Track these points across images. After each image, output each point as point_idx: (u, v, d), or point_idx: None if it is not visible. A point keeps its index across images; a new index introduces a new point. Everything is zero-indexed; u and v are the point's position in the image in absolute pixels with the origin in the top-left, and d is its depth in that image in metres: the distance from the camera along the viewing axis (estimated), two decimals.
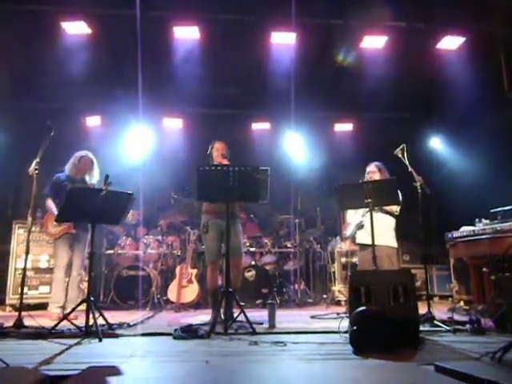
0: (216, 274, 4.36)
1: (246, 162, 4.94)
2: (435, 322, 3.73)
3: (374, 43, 6.27)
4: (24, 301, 3.92)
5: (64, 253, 4.70)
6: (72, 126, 7.01)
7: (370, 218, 4.01)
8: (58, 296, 4.64)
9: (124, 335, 3.41)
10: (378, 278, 3.27)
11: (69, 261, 4.69)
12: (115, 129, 7.37)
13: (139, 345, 3.12)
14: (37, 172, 3.93)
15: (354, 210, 4.78)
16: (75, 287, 4.75)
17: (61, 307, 4.60)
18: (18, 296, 4.63)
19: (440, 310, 4.92)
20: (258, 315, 4.33)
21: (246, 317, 3.56)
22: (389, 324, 2.73)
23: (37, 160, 3.95)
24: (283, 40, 6.17)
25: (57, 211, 4.41)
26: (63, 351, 2.80)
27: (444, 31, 6.16)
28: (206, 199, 4.24)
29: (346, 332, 3.09)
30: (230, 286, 3.78)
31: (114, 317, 4.34)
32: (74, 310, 3.67)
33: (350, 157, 7.23)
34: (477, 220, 4.80)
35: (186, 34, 6.03)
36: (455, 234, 5.01)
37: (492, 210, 4.72)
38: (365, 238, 4.51)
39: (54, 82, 6.35)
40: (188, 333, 3.28)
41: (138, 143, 7.25)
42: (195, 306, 5.75)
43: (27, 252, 3.91)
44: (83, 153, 4.96)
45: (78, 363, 2.40)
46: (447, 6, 5.64)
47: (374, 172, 4.65)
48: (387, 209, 4.51)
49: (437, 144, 7.75)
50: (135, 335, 3.42)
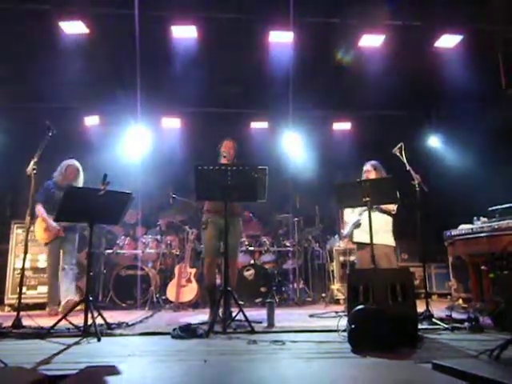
0: (213, 270, 4.37)
1: (245, 161, 4.93)
2: (433, 320, 3.73)
3: (371, 42, 6.27)
4: (22, 301, 3.92)
5: (54, 257, 5.03)
6: (70, 125, 7.00)
7: (367, 216, 4.02)
8: (53, 298, 4.94)
9: (123, 335, 3.42)
10: (377, 276, 3.27)
11: (58, 264, 5.02)
12: (114, 128, 7.36)
13: (138, 344, 3.12)
14: (35, 172, 3.93)
15: (351, 209, 4.79)
16: (69, 280, 4.97)
17: (57, 305, 4.84)
18: (16, 296, 4.61)
19: (438, 308, 4.93)
20: (257, 314, 4.34)
21: (245, 316, 3.57)
22: (387, 322, 2.73)
23: (35, 160, 3.95)
24: (281, 39, 6.17)
25: (47, 216, 4.86)
26: (62, 351, 2.80)
27: (441, 29, 6.16)
28: (205, 198, 4.24)
29: (344, 330, 3.10)
30: (228, 284, 3.78)
31: (112, 316, 4.34)
32: (72, 310, 3.66)
33: (348, 155, 7.23)
34: (475, 218, 4.81)
35: (184, 33, 6.03)
36: (453, 233, 5.02)
37: (490, 208, 4.73)
38: (362, 237, 4.52)
39: (53, 82, 6.33)
40: (187, 332, 3.28)
41: (137, 143, 7.24)
42: (194, 305, 5.75)
43: (25, 252, 3.91)
44: (70, 161, 5.18)
45: (77, 363, 2.40)
46: (445, 4, 5.64)
47: (369, 171, 4.66)
48: (383, 208, 4.51)
49: (435, 142, 7.76)
50: (134, 335, 3.42)
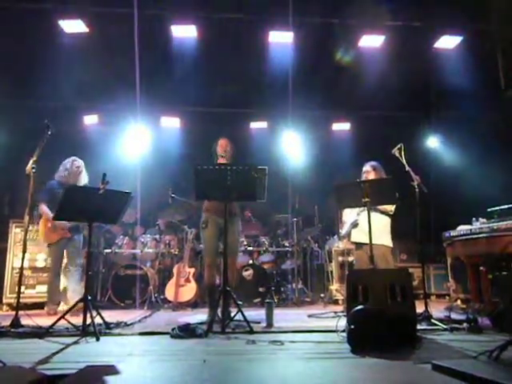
0: (213, 270, 4.36)
1: (244, 160, 4.94)
2: (432, 320, 3.74)
3: (371, 42, 6.28)
4: (21, 300, 3.91)
5: (57, 258, 4.97)
6: (70, 124, 7.00)
7: (366, 216, 4.02)
8: (52, 297, 4.92)
9: (121, 334, 3.41)
10: (376, 276, 3.28)
11: (61, 265, 4.99)
12: (113, 128, 7.36)
13: (137, 344, 3.11)
14: (34, 171, 3.92)
15: (349, 209, 4.79)
16: (75, 281, 4.94)
17: (56, 304, 4.84)
18: (15, 295, 4.62)
19: (437, 309, 4.93)
20: (256, 314, 4.34)
21: (244, 316, 3.57)
22: (386, 323, 2.73)
23: (34, 159, 3.94)
24: (281, 39, 6.18)
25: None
26: (60, 350, 2.80)
27: (441, 30, 6.18)
28: (204, 198, 4.24)
29: (343, 331, 3.09)
30: (228, 284, 3.78)
31: (111, 316, 4.32)
32: (71, 309, 3.66)
33: (348, 156, 7.23)
34: (474, 219, 4.81)
35: (183, 32, 6.03)
36: (452, 233, 5.02)
37: (489, 209, 4.73)
38: (360, 237, 4.52)
39: (52, 81, 6.33)
40: (185, 332, 3.28)
41: (136, 142, 7.23)
42: (193, 305, 5.74)
43: (24, 251, 3.90)
44: (74, 159, 5.10)
45: (76, 362, 2.39)
46: (444, 5, 5.65)
47: (368, 172, 4.66)
48: (381, 208, 4.52)
49: (434, 143, 7.76)
50: (133, 334, 3.41)
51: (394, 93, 6.80)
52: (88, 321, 3.36)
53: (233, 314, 3.77)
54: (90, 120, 7.53)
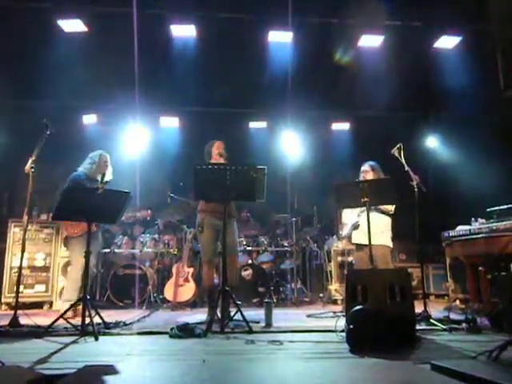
0: (212, 272, 4.36)
1: (243, 160, 4.93)
2: (431, 320, 3.74)
3: (370, 42, 6.28)
4: (20, 299, 3.90)
5: (82, 253, 4.42)
6: (68, 124, 6.99)
7: (366, 217, 4.02)
8: (71, 295, 4.48)
9: (120, 334, 3.41)
10: (375, 276, 3.28)
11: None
12: (112, 127, 7.35)
13: (136, 344, 3.11)
14: (33, 170, 3.91)
15: (350, 210, 4.78)
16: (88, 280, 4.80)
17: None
18: (13, 294, 4.61)
19: (436, 309, 4.93)
20: (255, 314, 4.34)
21: (243, 315, 3.57)
22: (385, 323, 2.73)
23: (33, 158, 3.93)
24: (280, 39, 6.17)
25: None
26: (59, 350, 2.79)
27: (441, 30, 6.18)
28: (203, 198, 4.24)
29: (342, 331, 3.09)
30: (227, 284, 3.78)
31: (110, 316, 4.33)
32: (70, 309, 3.66)
33: (347, 156, 7.24)
34: (473, 219, 4.81)
35: (183, 32, 6.02)
36: (451, 233, 5.03)
37: (488, 210, 4.74)
38: (360, 238, 4.52)
39: (51, 80, 6.31)
40: (184, 332, 3.28)
41: (135, 142, 7.22)
42: (192, 304, 5.74)
43: (23, 250, 3.89)
44: (100, 151, 4.85)
45: (74, 362, 2.39)
46: (444, 5, 5.65)
47: (367, 172, 4.66)
48: (382, 208, 4.52)
49: (433, 143, 7.76)
50: (132, 334, 3.41)
51: (393, 93, 6.79)
52: (87, 320, 3.36)
53: (232, 313, 3.77)
54: (89, 120, 7.51)
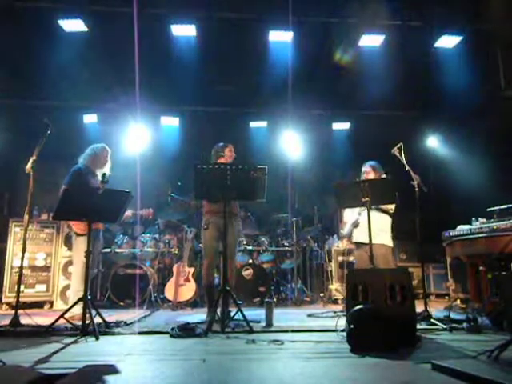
0: (211, 270, 4.36)
1: (244, 160, 4.93)
2: (432, 320, 3.74)
3: (371, 41, 6.28)
4: (20, 299, 3.90)
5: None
6: (69, 123, 6.99)
7: (366, 216, 4.02)
8: (79, 293, 4.16)
9: (121, 334, 3.41)
10: (376, 276, 3.27)
11: (94, 258, 4.53)
12: (113, 127, 7.35)
13: (136, 343, 3.11)
14: (33, 170, 3.91)
15: (350, 209, 4.79)
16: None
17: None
18: (14, 294, 4.60)
19: (437, 309, 4.94)
20: (255, 314, 4.34)
21: (244, 315, 3.57)
22: (386, 322, 2.73)
23: (34, 158, 3.93)
24: (281, 38, 6.17)
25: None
26: (60, 350, 2.79)
27: (441, 30, 6.17)
28: (204, 197, 4.24)
29: (343, 330, 3.09)
30: (227, 284, 3.78)
31: (110, 315, 4.33)
32: (70, 309, 3.65)
33: (348, 155, 7.24)
34: (473, 219, 4.81)
35: (183, 31, 6.02)
36: (452, 233, 5.02)
37: (488, 209, 4.73)
38: (361, 237, 4.52)
39: (51, 80, 6.32)
40: (185, 331, 3.28)
41: (136, 141, 7.22)
42: (192, 304, 5.74)
43: (24, 250, 3.89)
44: (103, 144, 4.73)
45: (75, 362, 2.39)
46: (444, 5, 5.65)
47: (368, 172, 4.67)
48: (383, 207, 4.52)
49: (434, 143, 7.76)
50: (132, 334, 3.41)
51: (393, 92, 6.79)
52: (87, 320, 3.36)
53: (232, 313, 3.78)
54: (90, 119, 7.52)
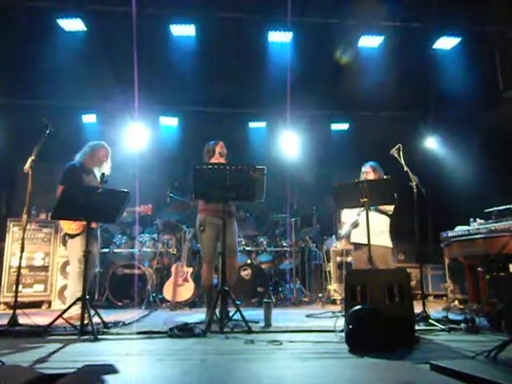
0: (211, 272, 4.36)
1: (243, 160, 4.93)
2: (430, 321, 3.75)
3: (370, 42, 6.30)
4: (18, 299, 3.90)
5: (83, 247, 4.16)
6: (68, 123, 6.97)
7: (365, 217, 4.02)
8: (76, 293, 4.05)
9: (119, 334, 3.40)
10: (374, 277, 3.27)
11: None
12: (111, 127, 7.34)
13: (135, 343, 3.10)
14: (32, 169, 3.90)
15: (349, 210, 4.79)
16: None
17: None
18: (12, 294, 4.59)
19: (435, 309, 4.94)
20: (254, 314, 4.34)
21: (242, 315, 3.57)
22: (384, 323, 2.74)
23: (32, 157, 3.92)
24: (280, 38, 6.18)
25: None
26: (58, 349, 2.79)
27: (440, 31, 6.20)
28: (203, 197, 4.24)
29: (341, 331, 3.10)
30: (226, 284, 3.78)
31: (109, 315, 4.33)
32: (68, 309, 3.65)
33: (346, 156, 7.24)
34: (471, 220, 4.82)
35: (182, 31, 6.02)
36: (450, 234, 5.03)
37: (486, 210, 4.74)
38: (360, 238, 4.52)
39: (50, 79, 6.31)
40: (184, 331, 3.28)
41: (134, 141, 7.21)
42: (191, 304, 5.74)
43: (22, 250, 3.88)
44: (102, 142, 4.66)
45: (74, 362, 2.39)
46: (443, 7, 5.67)
47: (368, 172, 4.67)
48: (381, 208, 4.52)
49: (433, 143, 7.77)
50: (131, 334, 3.40)
51: (392, 93, 6.81)
52: (86, 320, 3.36)
53: (231, 313, 3.78)
54: (89, 119, 7.52)
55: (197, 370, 2.28)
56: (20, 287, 5.14)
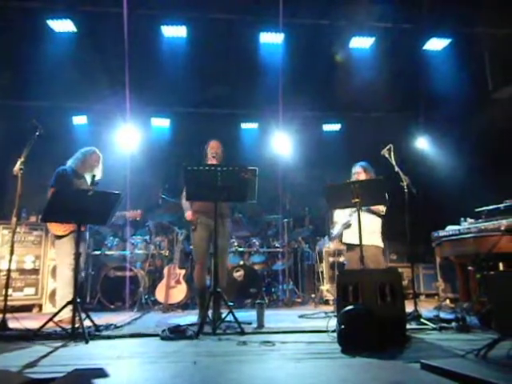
0: (204, 273, 4.35)
1: (235, 161, 4.92)
2: (421, 320, 3.77)
3: (361, 43, 6.33)
4: (9, 303, 3.86)
5: (71, 251, 4.30)
6: (58, 124, 6.92)
7: (357, 217, 4.04)
8: (67, 296, 4.04)
9: (111, 337, 3.38)
10: (366, 277, 3.29)
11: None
12: (102, 128, 7.30)
13: (126, 346, 3.08)
14: (22, 172, 3.87)
15: (341, 210, 4.80)
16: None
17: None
18: (2, 298, 4.53)
19: (426, 309, 4.98)
20: (247, 315, 4.34)
21: (235, 317, 3.56)
22: (376, 323, 2.75)
23: (22, 159, 3.88)
24: (272, 40, 6.19)
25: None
26: (49, 353, 2.76)
27: (430, 32, 6.25)
28: (194, 198, 4.23)
29: (334, 331, 3.10)
30: (218, 285, 3.77)
31: (100, 318, 4.30)
32: (59, 312, 3.62)
33: (338, 156, 7.26)
34: (462, 219, 4.86)
35: (174, 32, 6.01)
36: (441, 233, 5.07)
37: (477, 210, 4.78)
38: (352, 238, 4.54)
39: (40, 81, 6.26)
40: (176, 333, 3.27)
41: (126, 143, 7.17)
42: (183, 306, 5.72)
43: (12, 253, 3.84)
44: (93, 149, 4.74)
45: (64, 365, 2.36)
46: (433, 8, 5.71)
47: (359, 173, 4.68)
48: (374, 209, 4.54)
49: (424, 144, 7.82)
50: (122, 336, 3.38)
51: (383, 94, 6.84)
52: (77, 323, 3.33)
53: (224, 315, 3.77)
54: (79, 120, 7.46)
55: (189, 372, 2.27)
56: (10, 291, 5.07)
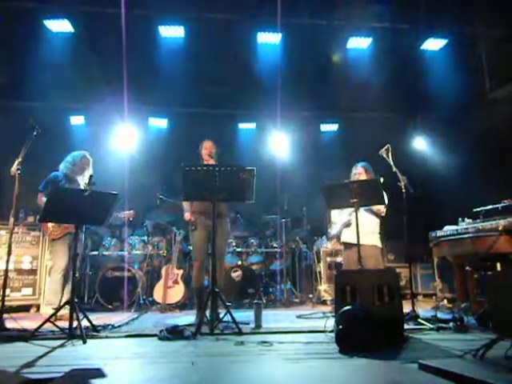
0: (202, 272, 4.35)
1: (232, 161, 4.93)
2: (419, 320, 3.77)
3: (359, 43, 6.34)
4: (6, 303, 3.84)
5: (64, 254, 4.56)
6: (56, 124, 6.90)
7: (355, 217, 4.04)
8: (52, 297, 4.49)
9: (109, 337, 3.37)
10: (364, 277, 3.29)
11: (68, 262, 4.52)
12: (100, 128, 7.28)
13: (124, 346, 3.08)
14: (19, 172, 3.86)
15: (338, 210, 4.81)
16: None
17: (55, 309, 4.46)
18: None
19: (424, 309, 4.99)
20: (245, 315, 4.33)
21: (232, 317, 3.56)
22: (374, 323, 2.75)
23: (19, 160, 3.87)
24: (269, 40, 6.19)
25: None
26: (46, 354, 2.76)
27: (428, 32, 6.26)
28: (192, 199, 4.22)
29: (331, 331, 3.11)
30: (216, 285, 3.77)
31: (98, 318, 4.29)
32: (57, 312, 3.61)
33: (336, 156, 7.27)
34: (460, 219, 4.86)
35: (171, 32, 6.01)
36: (439, 233, 5.07)
37: (475, 210, 4.79)
38: (350, 237, 4.54)
39: (37, 80, 6.24)
40: (174, 334, 3.26)
41: (124, 143, 7.16)
42: (181, 306, 5.71)
43: (9, 253, 3.83)
44: (83, 152, 4.86)
45: (61, 366, 2.36)
46: (430, 8, 5.72)
47: (360, 173, 4.69)
48: (374, 209, 4.55)
49: (421, 144, 7.83)
50: (120, 337, 3.38)
51: (381, 94, 6.85)
52: (75, 323, 3.32)
53: (221, 315, 3.76)
54: (77, 120, 7.44)
55: (186, 372, 2.27)
56: (8, 291, 5.05)
